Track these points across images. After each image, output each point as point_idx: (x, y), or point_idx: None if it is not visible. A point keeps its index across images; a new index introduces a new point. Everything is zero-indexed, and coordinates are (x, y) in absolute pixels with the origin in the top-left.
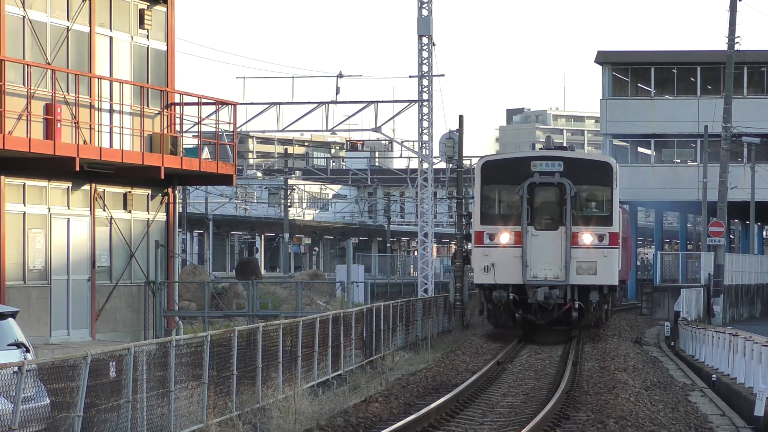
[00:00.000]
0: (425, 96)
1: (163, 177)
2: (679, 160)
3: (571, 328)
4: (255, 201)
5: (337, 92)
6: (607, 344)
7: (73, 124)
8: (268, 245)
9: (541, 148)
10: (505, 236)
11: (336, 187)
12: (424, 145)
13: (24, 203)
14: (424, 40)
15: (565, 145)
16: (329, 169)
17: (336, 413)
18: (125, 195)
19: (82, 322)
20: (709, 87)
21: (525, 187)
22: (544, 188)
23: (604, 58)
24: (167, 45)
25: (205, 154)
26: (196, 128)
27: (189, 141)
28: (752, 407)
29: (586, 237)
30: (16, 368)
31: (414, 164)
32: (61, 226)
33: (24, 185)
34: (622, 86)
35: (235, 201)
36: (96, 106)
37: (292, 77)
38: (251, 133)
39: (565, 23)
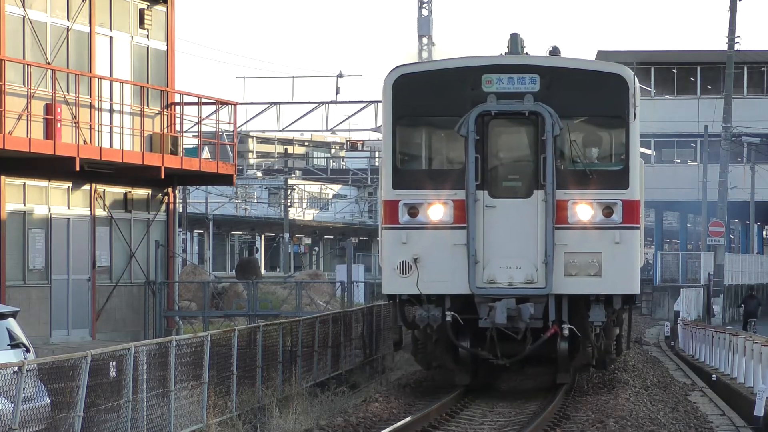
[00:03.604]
0: None
1: (163, 177)
2: (679, 160)
3: (557, 369)
4: (255, 201)
5: (337, 92)
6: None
7: (73, 124)
8: (268, 245)
9: (504, 54)
10: (436, 210)
11: (336, 187)
12: None
13: (24, 203)
14: (424, 40)
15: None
16: (329, 169)
17: (336, 413)
18: (125, 195)
19: (82, 322)
20: (709, 87)
21: (471, 120)
22: (506, 124)
23: (604, 58)
24: (167, 45)
25: (205, 154)
26: (196, 128)
27: (189, 141)
28: (752, 407)
29: (583, 209)
30: (16, 368)
31: None
32: (61, 226)
33: (24, 185)
34: None
35: (235, 201)
36: (96, 106)
37: (292, 77)
38: (251, 133)
39: (566, 23)
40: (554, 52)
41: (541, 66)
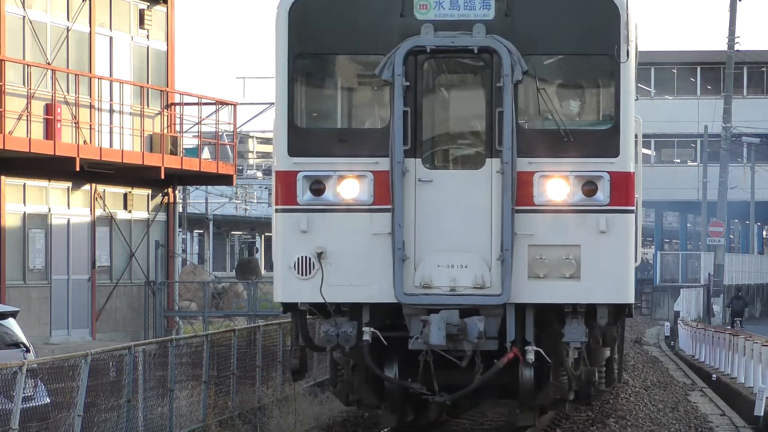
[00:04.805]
0: None
1: (163, 177)
2: (679, 160)
3: (521, 404)
4: (255, 201)
5: None
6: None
7: (73, 124)
8: (268, 245)
9: None
10: (350, 185)
11: None
12: None
13: (24, 203)
14: None
15: None
16: None
17: (336, 413)
18: (125, 195)
19: (82, 322)
20: (709, 87)
21: (398, 60)
22: (447, 65)
23: None
24: (167, 45)
25: (205, 154)
26: (196, 128)
27: (189, 141)
28: (752, 407)
29: (555, 185)
30: (16, 368)
31: None
32: (61, 226)
33: (24, 185)
34: None
35: (235, 201)
36: (96, 106)
37: None
38: (251, 133)
39: None
40: None
41: None
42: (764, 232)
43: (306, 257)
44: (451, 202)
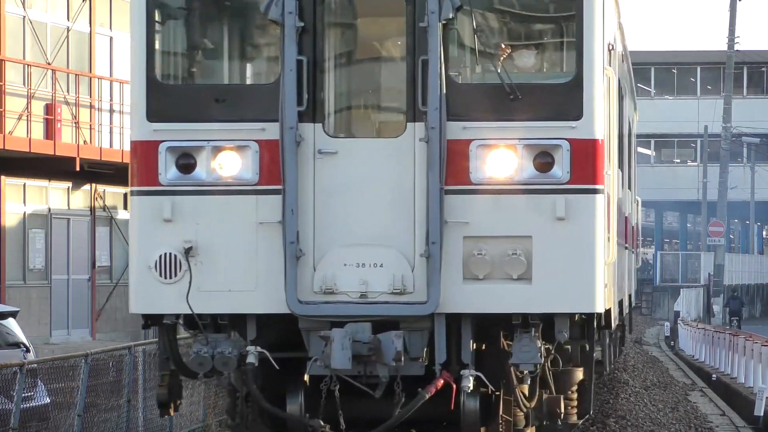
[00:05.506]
0: None
1: None
2: (679, 160)
3: None
4: None
5: None
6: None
7: (73, 124)
8: None
9: None
10: (229, 159)
11: None
12: None
13: (24, 203)
14: None
15: None
16: None
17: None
18: (125, 195)
19: (82, 322)
20: (709, 87)
21: None
22: (355, 0)
23: None
24: None
25: None
26: None
27: None
28: (752, 407)
29: (499, 157)
30: (16, 368)
31: None
32: (61, 226)
33: (24, 185)
34: None
35: None
36: (96, 106)
37: None
38: None
39: None
40: None
41: None
42: (764, 232)
43: (170, 254)
44: (361, 180)
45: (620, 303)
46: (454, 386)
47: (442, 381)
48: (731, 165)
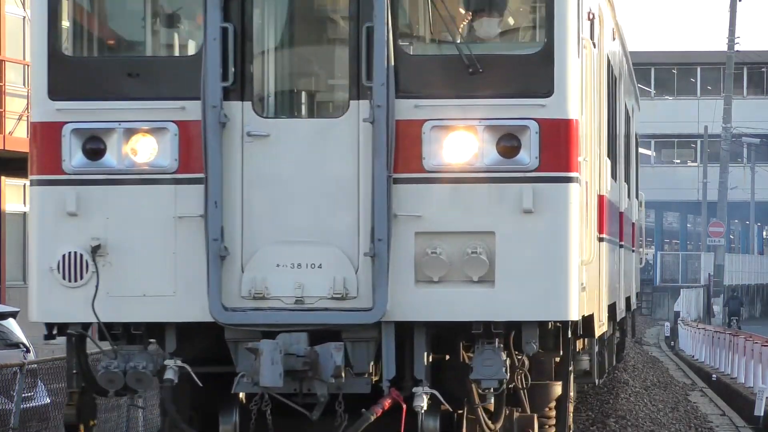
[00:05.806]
0: None
1: None
2: (679, 161)
3: None
4: None
5: None
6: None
7: None
8: None
9: None
10: (143, 144)
11: None
12: None
13: (24, 203)
14: None
15: None
16: None
17: None
18: None
19: None
20: (709, 87)
21: None
22: None
23: None
24: None
25: None
26: None
27: None
28: (752, 407)
29: (456, 141)
30: (16, 368)
31: None
32: None
33: (24, 185)
34: None
35: None
36: None
37: None
38: None
39: None
40: None
41: None
42: (764, 232)
43: (75, 254)
44: (296, 167)
45: (614, 306)
46: (404, 406)
47: (390, 400)
48: (731, 165)
